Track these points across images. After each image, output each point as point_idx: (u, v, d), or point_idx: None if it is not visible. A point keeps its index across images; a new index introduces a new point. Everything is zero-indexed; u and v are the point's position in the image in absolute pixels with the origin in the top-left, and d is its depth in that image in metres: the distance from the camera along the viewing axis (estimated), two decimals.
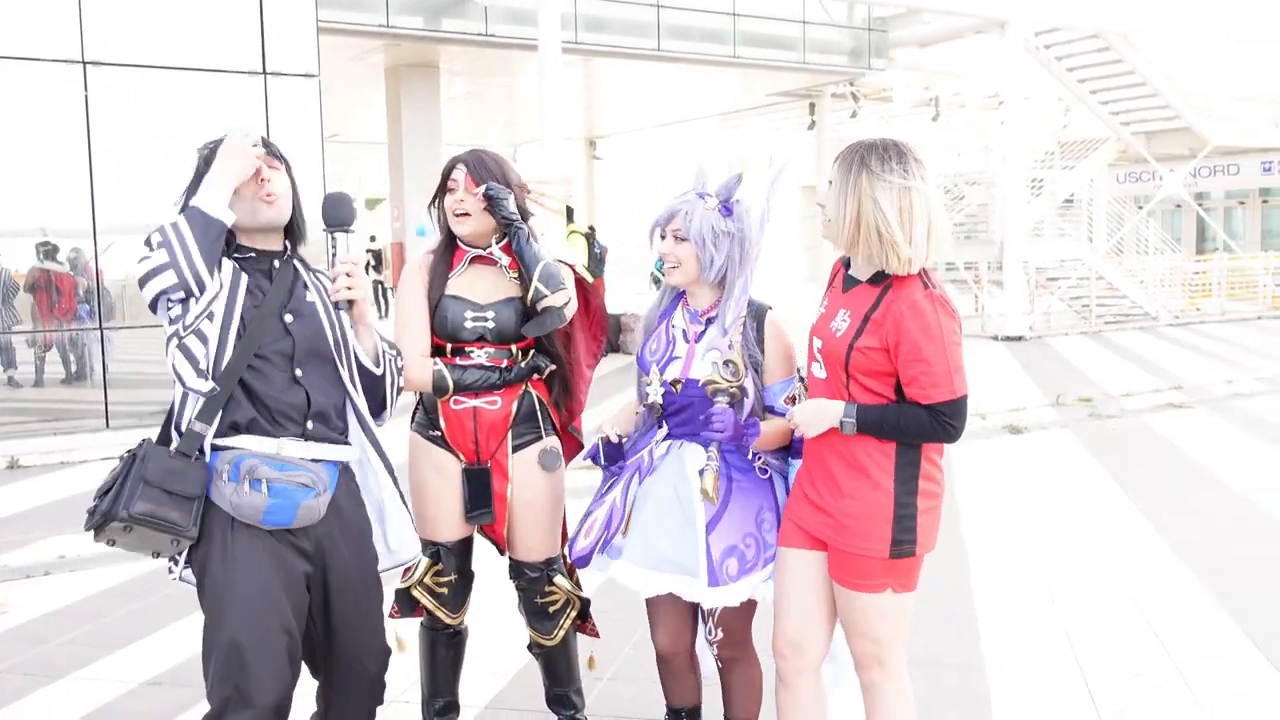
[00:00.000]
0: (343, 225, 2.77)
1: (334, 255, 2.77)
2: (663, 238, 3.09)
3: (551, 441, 3.35)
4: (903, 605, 2.78)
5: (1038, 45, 18.50)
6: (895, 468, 2.68)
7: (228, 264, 2.73)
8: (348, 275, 2.75)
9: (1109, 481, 7.47)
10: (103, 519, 2.59)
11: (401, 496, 2.96)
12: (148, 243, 2.60)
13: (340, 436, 2.84)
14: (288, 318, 2.79)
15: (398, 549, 2.97)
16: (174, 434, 2.71)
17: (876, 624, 2.76)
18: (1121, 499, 6.96)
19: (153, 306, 2.65)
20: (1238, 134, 22.94)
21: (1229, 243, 24.89)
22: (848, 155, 2.70)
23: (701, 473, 2.92)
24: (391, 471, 2.95)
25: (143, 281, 2.58)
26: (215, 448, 2.67)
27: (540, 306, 3.21)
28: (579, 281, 3.43)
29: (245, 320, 2.70)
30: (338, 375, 2.85)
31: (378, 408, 2.95)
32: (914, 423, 2.64)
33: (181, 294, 2.59)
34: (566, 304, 3.24)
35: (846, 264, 2.85)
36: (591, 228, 12.83)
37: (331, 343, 2.85)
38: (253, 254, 2.80)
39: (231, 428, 2.69)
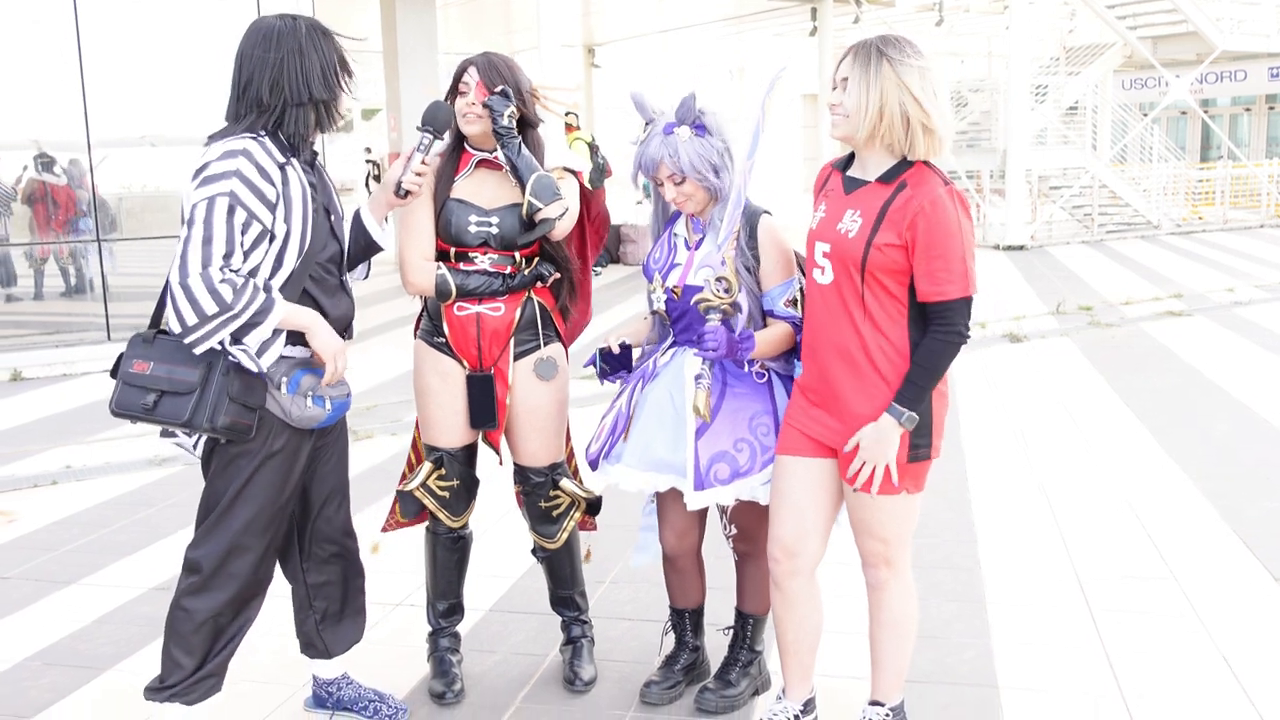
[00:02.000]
0: (438, 130, 3.06)
1: (420, 150, 3.02)
2: (659, 184, 3.08)
3: (550, 350, 3.36)
4: (913, 506, 2.81)
5: None
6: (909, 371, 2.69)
7: (292, 168, 2.71)
8: (418, 175, 3.02)
9: (1107, 389, 7.50)
10: (184, 425, 2.65)
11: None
12: (214, 291, 2.55)
13: None
14: (332, 218, 2.83)
15: None
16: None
17: (887, 524, 2.79)
18: (1119, 406, 7.00)
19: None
20: (1246, 38, 22.54)
21: (1234, 150, 24.62)
22: (862, 48, 2.65)
23: (698, 381, 2.93)
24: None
25: (180, 316, 2.58)
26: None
27: (536, 219, 3.21)
28: (581, 188, 3.40)
29: (312, 228, 2.74)
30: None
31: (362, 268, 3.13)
32: (936, 357, 2.63)
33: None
34: (563, 214, 3.23)
35: (842, 167, 2.82)
36: (594, 143, 12.77)
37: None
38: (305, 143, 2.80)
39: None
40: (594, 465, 3.24)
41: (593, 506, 3.51)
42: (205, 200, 2.57)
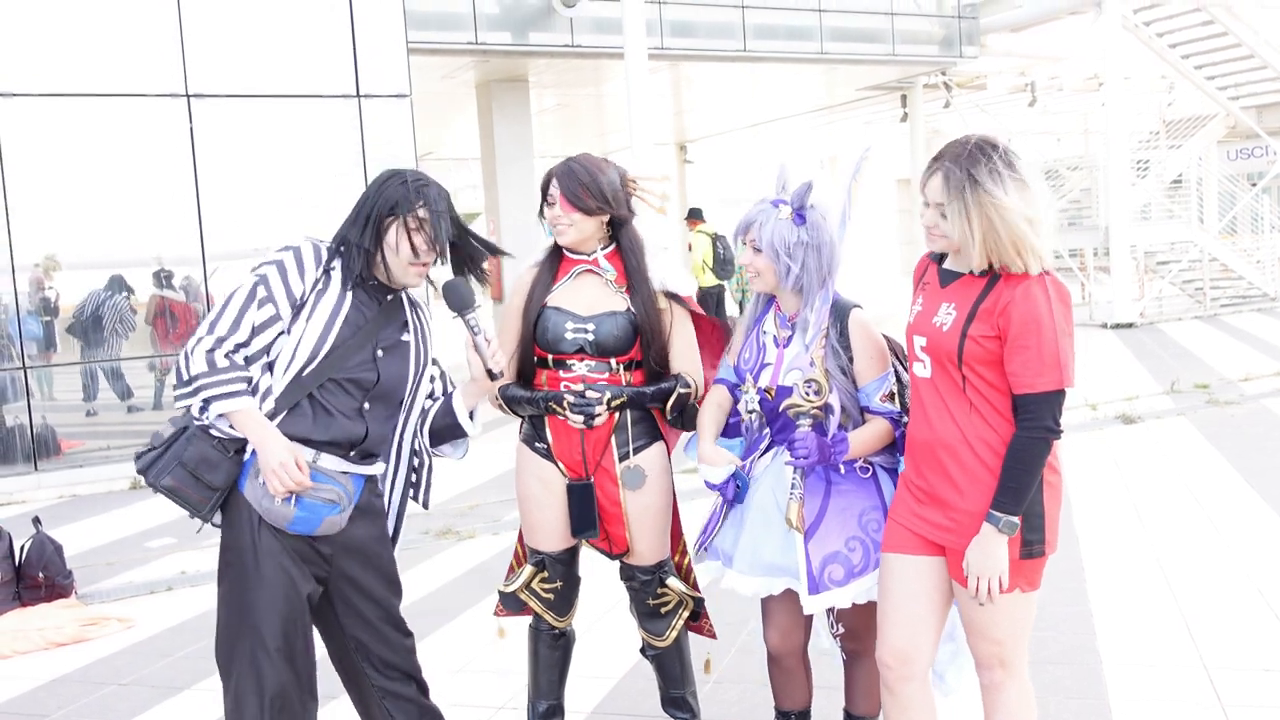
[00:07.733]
0: (466, 309, 2.91)
1: (474, 334, 2.90)
2: (743, 246, 3.10)
3: (641, 456, 3.31)
4: (1028, 604, 2.71)
5: (1137, 23, 17.93)
6: None
7: (336, 283, 2.81)
8: (496, 354, 2.93)
9: (1229, 469, 7.20)
10: (140, 472, 2.79)
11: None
12: (192, 359, 2.73)
13: (375, 458, 2.94)
14: (379, 352, 2.87)
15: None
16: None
17: (1001, 624, 2.69)
18: (1242, 486, 6.71)
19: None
20: None
21: None
22: (954, 175, 2.59)
23: (791, 492, 2.90)
24: (403, 505, 3.09)
25: (176, 375, 2.76)
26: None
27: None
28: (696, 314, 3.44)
29: (336, 345, 2.80)
30: (398, 411, 2.96)
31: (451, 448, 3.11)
32: (1026, 456, 2.55)
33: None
34: (695, 390, 3.31)
35: (939, 258, 2.79)
36: (718, 234, 12.83)
37: (409, 389, 2.96)
38: (374, 282, 2.88)
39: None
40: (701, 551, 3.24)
41: (696, 608, 3.46)
42: (242, 282, 2.79)
